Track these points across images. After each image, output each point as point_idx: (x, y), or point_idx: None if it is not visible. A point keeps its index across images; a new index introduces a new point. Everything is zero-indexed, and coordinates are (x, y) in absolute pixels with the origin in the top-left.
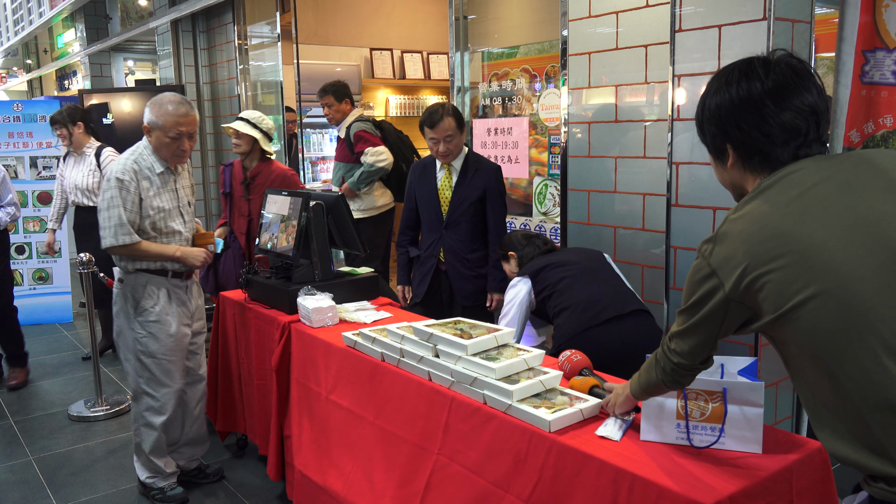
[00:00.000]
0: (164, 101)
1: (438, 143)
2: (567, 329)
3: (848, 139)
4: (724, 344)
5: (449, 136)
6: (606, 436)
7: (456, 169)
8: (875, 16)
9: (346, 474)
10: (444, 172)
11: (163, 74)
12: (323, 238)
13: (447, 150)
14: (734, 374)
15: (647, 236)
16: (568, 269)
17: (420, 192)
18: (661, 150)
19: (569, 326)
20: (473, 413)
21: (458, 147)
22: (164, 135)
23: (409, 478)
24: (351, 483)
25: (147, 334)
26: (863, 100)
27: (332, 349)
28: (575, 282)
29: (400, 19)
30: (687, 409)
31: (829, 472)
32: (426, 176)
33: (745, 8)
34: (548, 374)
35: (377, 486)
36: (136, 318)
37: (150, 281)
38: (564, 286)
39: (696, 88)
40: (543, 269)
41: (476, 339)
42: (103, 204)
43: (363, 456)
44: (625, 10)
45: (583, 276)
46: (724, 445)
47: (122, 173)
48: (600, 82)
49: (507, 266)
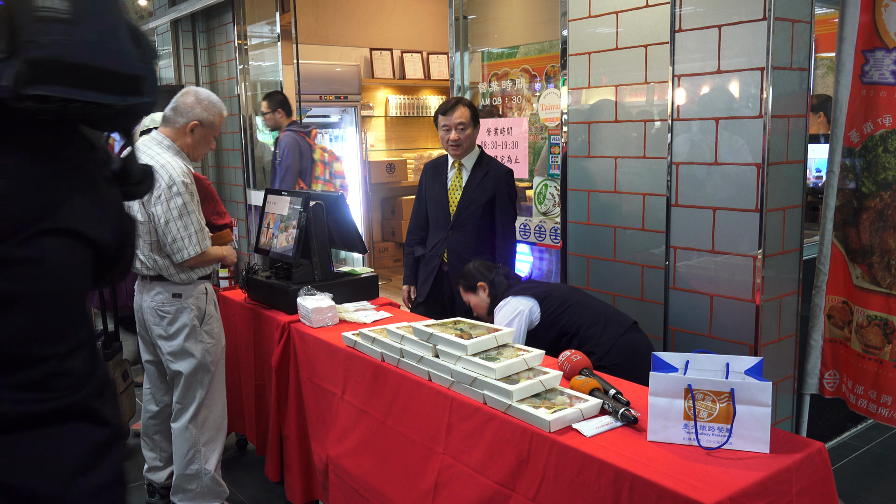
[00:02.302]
0: (212, 99)
1: (450, 130)
2: (607, 336)
3: (848, 139)
4: (724, 344)
5: (461, 124)
6: (579, 429)
7: (467, 169)
8: (875, 16)
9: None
10: (455, 172)
11: (162, 74)
12: (323, 238)
13: (457, 138)
14: (741, 373)
15: (646, 236)
16: (563, 293)
17: (430, 191)
18: (661, 150)
19: (608, 333)
20: (474, 413)
21: (469, 141)
22: (211, 133)
23: (419, 477)
24: (372, 478)
25: (213, 341)
26: (862, 100)
27: (336, 350)
28: (581, 303)
29: (400, 19)
30: (695, 410)
31: (829, 472)
32: (437, 175)
33: (745, 8)
34: (548, 374)
35: (393, 485)
36: (202, 328)
37: (206, 287)
38: (575, 306)
39: (696, 88)
40: (546, 297)
41: (476, 340)
42: (174, 213)
43: (379, 454)
44: (625, 10)
45: (581, 297)
46: (733, 446)
47: (185, 176)
48: (600, 82)
49: (474, 299)
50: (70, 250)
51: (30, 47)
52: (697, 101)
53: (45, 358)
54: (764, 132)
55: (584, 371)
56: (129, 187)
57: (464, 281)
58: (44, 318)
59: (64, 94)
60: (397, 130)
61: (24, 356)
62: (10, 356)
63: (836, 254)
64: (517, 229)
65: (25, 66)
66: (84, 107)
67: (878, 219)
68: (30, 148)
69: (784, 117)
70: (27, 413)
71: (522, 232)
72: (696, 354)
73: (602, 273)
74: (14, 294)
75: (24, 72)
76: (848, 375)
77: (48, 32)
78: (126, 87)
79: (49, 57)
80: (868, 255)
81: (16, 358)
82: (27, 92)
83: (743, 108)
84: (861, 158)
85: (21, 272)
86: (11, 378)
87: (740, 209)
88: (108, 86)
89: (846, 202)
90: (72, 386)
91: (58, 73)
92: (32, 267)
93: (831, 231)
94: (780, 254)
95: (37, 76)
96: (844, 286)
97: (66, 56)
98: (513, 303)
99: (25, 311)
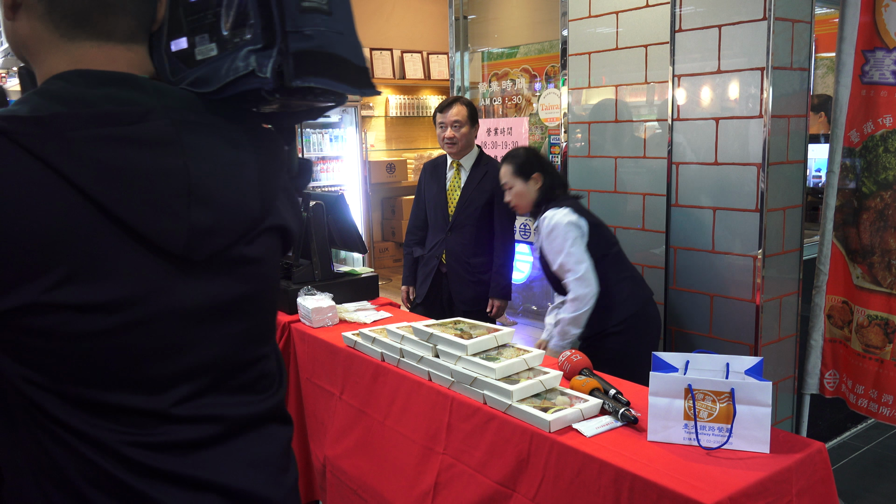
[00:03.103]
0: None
1: (446, 128)
2: (632, 302)
3: (848, 139)
4: (724, 344)
5: (457, 122)
6: (579, 429)
7: (465, 169)
8: (875, 16)
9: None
10: (454, 172)
11: None
12: (323, 238)
13: (453, 136)
14: (741, 373)
15: (647, 236)
16: (610, 234)
17: (429, 191)
18: (661, 150)
19: (633, 300)
20: (474, 413)
21: (465, 139)
22: None
23: (418, 477)
24: (370, 479)
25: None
26: (862, 100)
27: (336, 349)
28: (620, 254)
29: (400, 19)
30: (695, 410)
31: (829, 472)
32: (436, 175)
33: (745, 8)
34: (548, 374)
35: (391, 485)
36: None
37: None
38: (618, 253)
39: (696, 88)
40: (595, 226)
41: (476, 339)
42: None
43: (377, 454)
44: (625, 10)
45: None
46: (733, 446)
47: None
48: (600, 82)
49: (520, 187)
50: (278, 246)
51: (294, 38)
52: (697, 101)
53: (257, 359)
54: (764, 132)
55: (584, 371)
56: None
57: (515, 162)
58: (262, 319)
59: (326, 87)
60: (397, 130)
61: (243, 359)
62: (233, 360)
63: (836, 254)
64: (517, 229)
65: (291, 57)
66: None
67: (878, 219)
68: (259, 142)
69: (784, 117)
70: (243, 416)
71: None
72: (696, 354)
73: None
74: (244, 295)
75: (290, 63)
76: (848, 375)
77: (313, 23)
78: (361, 81)
79: (314, 48)
80: (869, 254)
81: (237, 361)
82: (294, 85)
83: (743, 108)
84: (861, 158)
85: (248, 272)
86: (232, 381)
87: (740, 209)
88: (353, 78)
89: (846, 202)
90: (273, 386)
91: (321, 65)
92: (257, 266)
93: (831, 231)
94: (781, 254)
95: (302, 68)
96: (844, 286)
97: (327, 47)
98: (569, 216)
99: (249, 312)
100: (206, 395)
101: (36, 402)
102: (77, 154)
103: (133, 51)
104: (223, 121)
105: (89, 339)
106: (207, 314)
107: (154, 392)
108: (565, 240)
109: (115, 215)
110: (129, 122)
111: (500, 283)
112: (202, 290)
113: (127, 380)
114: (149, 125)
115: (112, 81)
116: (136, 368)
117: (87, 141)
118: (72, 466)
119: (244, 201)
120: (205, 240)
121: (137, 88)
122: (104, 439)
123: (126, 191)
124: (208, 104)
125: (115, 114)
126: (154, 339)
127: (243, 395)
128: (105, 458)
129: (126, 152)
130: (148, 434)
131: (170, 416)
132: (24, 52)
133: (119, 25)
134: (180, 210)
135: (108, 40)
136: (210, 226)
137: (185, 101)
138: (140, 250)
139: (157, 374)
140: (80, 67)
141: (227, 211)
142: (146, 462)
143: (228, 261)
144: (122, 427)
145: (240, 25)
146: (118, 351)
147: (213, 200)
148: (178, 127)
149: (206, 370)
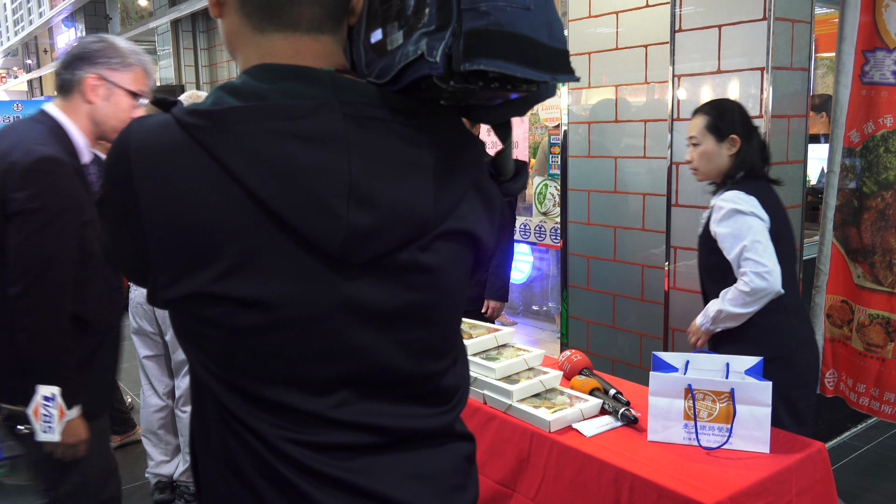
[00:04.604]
0: None
1: None
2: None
3: (848, 139)
4: None
5: None
6: (579, 429)
7: None
8: (875, 16)
9: None
10: None
11: (163, 74)
12: None
13: None
14: (741, 373)
15: (647, 236)
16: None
17: None
18: (661, 150)
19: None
20: (474, 413)
21: None
22: None
23: None
24: None
25: None
26: (863, 100)
27: None
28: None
29: None
30: (695, 410)
31: (829, 472)
32: None
33: (745, 8)
34: (548, 374)
35: None
36: None
37: None
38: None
39: (696, 88)
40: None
41: (476, 339)
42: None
43: None
44: (625, 10)
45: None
46: (733, 446)
47: None
48: (600, 82)
49: (710, 145)
50: (461, 254)
51: (469, 16)
52: (697, 101)
53: (431, 374)
54: (764, 132)
55: (584, 371)
56: (504, 184)
57: (714, 114)
58: (434, 331)
59: (501, 70)
60: None
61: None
62: (399, 370)
63: (835, 253)
64: (517, 229)
65: (461, 38)
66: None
67: (879, 218)
68: (442, 139)
69: (784, 117)
70: (409, 428)
71: (522, 232)
72: (696, 354)
73: (602, 273)
74: (414, 304)
75: (460, 45)
76: (848, 374)
77: None
78: (554, 64)
79: (489, 26)
80: (869, 254)
81: (404, 372)
82: (463, 68)
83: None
84: (862, 158)
85: (419, 280)
86: (400, 392)
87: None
88: (542, 61)
89: (846, 202)
90: (450, 402)
91: (496, 46)
92: (431, 275)
93: (831, 231)
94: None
95: (472, 49)
96: (844, 285)
97: (506, 25)
98: (757, 209)
99: (420, 322)
100: (368, 402)
101: (211, 389)
102: (240, 147)
103: (320, 41)
104: (402, 116)
105: (250, 334)
106: (370, 320)
107: (312, 393)
108: (750, 227)
109: (274, 211)
110: (296, 117)
111: (497, 285)
112: (364, 295)
113: (285, 377)
114: (315, 120)
115: (290, 75)
116: (293, 367)
117: (251, 135)
118: (242, 455)
119: (414, 203)
120: (364, 242)
121: (314, 81)
122: (265, 433)
123: (285, 186)
124: (390, 97)
125: (282, 108)
126: (310, 339)
127: (412, 406)
128: (268, 451)
129: (289, 147)
130: (307, 433)
131: (328, 418)
132: (230, 49)
133: (304, 15)
134: (339, 209)
135: (295, 31)
136: (370, 227)
137: (364, 94)
138: (299, 249)
139: (314, 374)
140: (268, 59)
141: (391, 213)
142: (305, 461)
143: (396, 266)
144: (281, 422)
145: (421, 8)
146: (276, 348)
147: (375, 201)
148: (348, 122)
149: (367, 377)
